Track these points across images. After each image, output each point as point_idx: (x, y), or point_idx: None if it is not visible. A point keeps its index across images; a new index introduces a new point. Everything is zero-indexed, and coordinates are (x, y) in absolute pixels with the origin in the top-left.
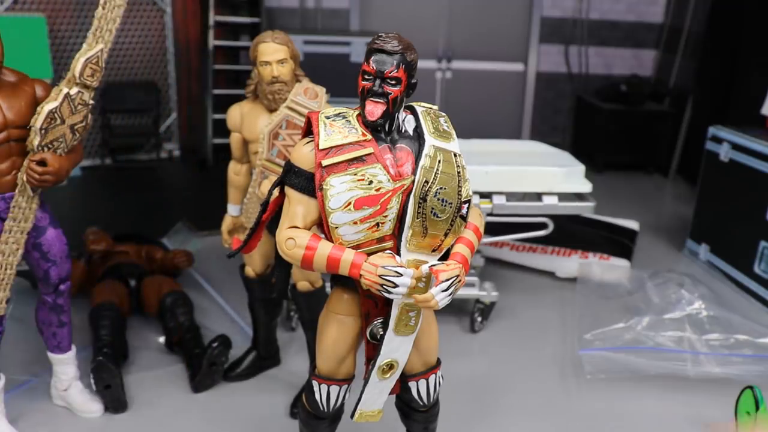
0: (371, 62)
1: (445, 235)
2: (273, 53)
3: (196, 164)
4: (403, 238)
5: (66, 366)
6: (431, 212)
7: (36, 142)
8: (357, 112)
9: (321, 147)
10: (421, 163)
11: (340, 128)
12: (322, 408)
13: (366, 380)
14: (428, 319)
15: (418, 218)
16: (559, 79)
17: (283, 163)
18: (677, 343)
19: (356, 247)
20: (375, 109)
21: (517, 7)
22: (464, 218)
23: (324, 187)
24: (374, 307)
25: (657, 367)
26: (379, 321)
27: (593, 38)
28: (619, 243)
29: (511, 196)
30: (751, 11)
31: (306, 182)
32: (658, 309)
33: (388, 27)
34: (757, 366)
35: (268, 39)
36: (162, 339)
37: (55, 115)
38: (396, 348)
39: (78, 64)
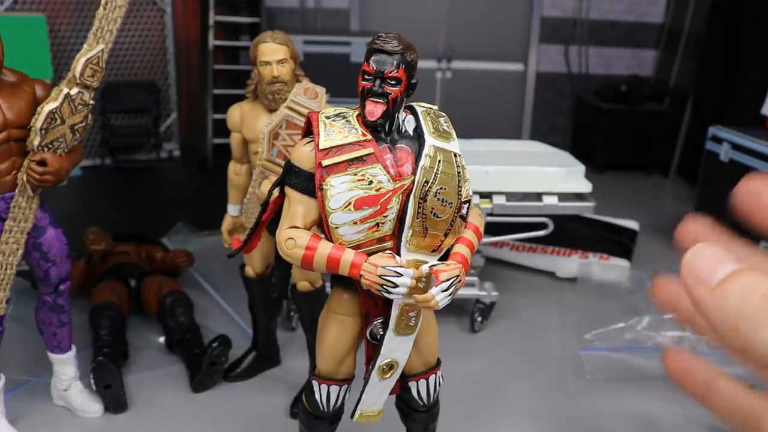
0: (371, 62)
1: (445, 235)
2: (273, 53)
3: (196, 164)
4: (403, 238)
5: (66, 366)
6: (431, 212)
7: (36, 142)
8: (357, 112)
9: (321, 147)
10: (421, 163)
11: (340, 128)
12: (322, 408)
13: (366, 380)
14: (428, 319)
15: (418, 218)
16: (559, 79)
17: (283, 163)
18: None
19: (356, 247)
20: (375, 109)
21: (517, 7)
22: (464, 218)
23: (324, 187)
24: (374, 307)
25: (657, 367)
26: (379, 321)
27: (593, 38)
28: (619, 243)
29: (511, 196)
30: (751, 12)
31: (306, 182)
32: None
33: (388, 27)
34: None
35: (268, 39)
36: (162, 339)
37: (56, 115)
38: (396, 348)
39: (78, 64)
